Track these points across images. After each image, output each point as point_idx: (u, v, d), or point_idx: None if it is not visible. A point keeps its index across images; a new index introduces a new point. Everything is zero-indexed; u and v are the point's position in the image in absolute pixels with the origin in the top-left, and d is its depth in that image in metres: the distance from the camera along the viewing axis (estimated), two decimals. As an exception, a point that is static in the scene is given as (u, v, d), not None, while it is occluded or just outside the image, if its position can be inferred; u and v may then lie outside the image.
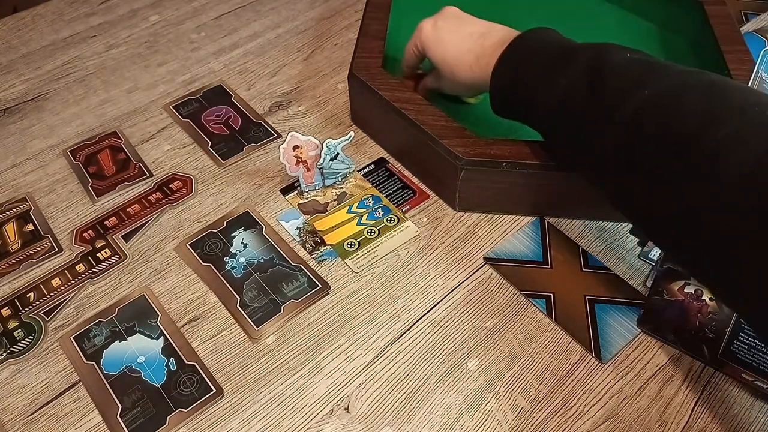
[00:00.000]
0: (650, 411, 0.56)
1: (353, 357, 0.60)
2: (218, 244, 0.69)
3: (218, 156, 0.79)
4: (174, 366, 0.59)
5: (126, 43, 0.97)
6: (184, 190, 0.75)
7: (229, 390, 0.58)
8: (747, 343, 0.58)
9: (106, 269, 0.67)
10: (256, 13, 1.02)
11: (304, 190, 0.73)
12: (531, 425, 0.55)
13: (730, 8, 0.83)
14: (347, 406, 0.56)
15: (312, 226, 0.70)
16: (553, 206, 0.70)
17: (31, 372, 0.59)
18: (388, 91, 0.72)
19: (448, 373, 0.58)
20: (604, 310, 0.62)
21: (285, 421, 0.56)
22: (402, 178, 0.75)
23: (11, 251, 0.69)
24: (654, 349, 0.60)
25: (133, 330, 0.62)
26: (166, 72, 0.92)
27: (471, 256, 0.67)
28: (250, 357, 0.60)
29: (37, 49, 0.96)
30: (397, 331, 0.61)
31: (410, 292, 0.64)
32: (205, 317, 0.63)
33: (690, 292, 0.63)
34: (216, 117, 0.84)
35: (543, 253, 0.67)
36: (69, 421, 0.56)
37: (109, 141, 0.81)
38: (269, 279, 0.65)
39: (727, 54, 0.75)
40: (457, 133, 0.67)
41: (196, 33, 0.99)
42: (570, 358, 0.59)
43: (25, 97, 0.89)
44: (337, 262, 0.67)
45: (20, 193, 0.76)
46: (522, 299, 0.63)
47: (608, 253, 0.67)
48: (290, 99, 0.87)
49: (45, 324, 0.62)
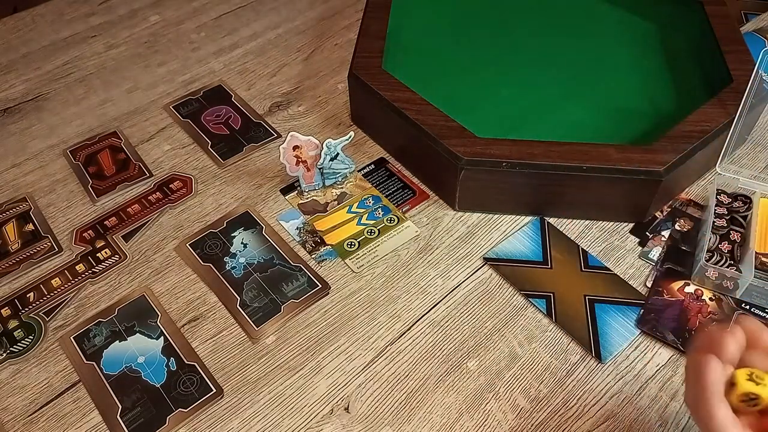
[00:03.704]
0: (650, 411, 0.56)
1: (353, 357, 0.60)
2: (218, 244, 0.69)
3: (218, 156, 0.79)
4: (174, 366, 0.59)
5: (126, 43, 0.97)
6: (184, 190, 0.75)
7: (229, 390, 0.58)
8: (747, 343, 0.58)
9: (106, 269, 0.67)
10: (256, 13, 1.02)
11: (304, 190, 0.73)
12: (531, 425, 0.55)
13: (730, 8, 0.83)
14: (347, 406, 0.56)
15: (312, 226, 0.70)
16: (553, 206, 0.70)
17: (31, 372, 0.59)
18: (388, 91, 0.72)
19: (448, 373, 0.58)
20: (604, 310, 0.62)
21: (285, 421, 0.56)
22: (402, 178, 0.75)
23: (11, 251, 0.69)
24: (654, 349, 0.60)
25: (133, 330, 0.62)
26: (166, 72, 0.92)
27: (471, 256, 0.67)
28: (250, 357, 0.60)
29: (37, 49, 0.96)
30: (397, 331, 0.61)
31: (410, 292, 0.64)
32: (205, 317, 0.63)
33: (690, 292, 0.63)
34: (216, 117, 0.84)
35: (543, 253, 0.67)
36: (69, 421, 0.56)
37: (109, 141, 0.81)
38: (269, 279, 0.65)
39: (727, 54, 0.75)
40: (457, 133, 0.67)
41: (196, 33, 0.99)
42: (570, 358, 0.59)
43: (25, 97, 0.89)
44: (337, 262, 0.67)
45: (20, 193, 0.76)
46: (522, 299, 0.63)
47: (608, 253, 0.67)
48: (290, 99, 0.87)
49: (45, 324, 0.62)
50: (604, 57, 0.85)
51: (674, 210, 0.70)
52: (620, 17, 0.92)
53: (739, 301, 0.61)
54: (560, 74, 0.83)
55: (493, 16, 0.93)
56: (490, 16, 0.93)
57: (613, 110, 0.77)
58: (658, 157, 0.64)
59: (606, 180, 0.65)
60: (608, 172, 0.64)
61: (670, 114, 0.75)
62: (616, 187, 0.66)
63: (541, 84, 0.81)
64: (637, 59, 0.84)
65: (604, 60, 0.85)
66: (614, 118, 0.76)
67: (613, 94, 0.80)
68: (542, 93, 0.80)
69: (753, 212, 0.66)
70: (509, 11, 0.93)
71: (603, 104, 0.78)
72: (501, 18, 0.93)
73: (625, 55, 0.85)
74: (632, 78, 0.82)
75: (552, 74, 0.83)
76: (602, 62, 0.84)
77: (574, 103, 0.79)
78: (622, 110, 0.77)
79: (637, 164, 0.64)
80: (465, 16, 0.92)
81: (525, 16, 0.92)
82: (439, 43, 0.88)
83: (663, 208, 0.71)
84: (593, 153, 0.65)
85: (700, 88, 0.77)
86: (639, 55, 0.85)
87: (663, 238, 0.68)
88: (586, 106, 0.78)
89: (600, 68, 0.83)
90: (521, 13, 0.93)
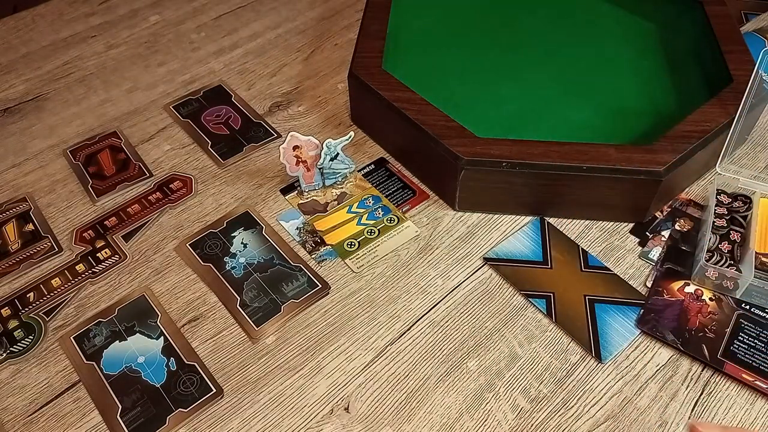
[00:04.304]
0: (650, 411, 0.56)
1: (353, 357, 0.60)
2: (218, 244, 0.69)
3: (218, 156, 0.79)
4: (174, 366, 0.59)
5: (126, 43, 0.97)
6: (184, 190, 0.75)
7: (229, 390, 0.58)
8: (747, 343, 0.58)
9: (106, 269, 0.67)
10: (256, 13, 1.02)
11: (304, 190, 0.73)
12: (531, 425, 0.55)
13: (730, 8, 0.83)
14: (347, 406, 0.56)
15: (312, 226, 0.70)
16: (553, 206, 0.70)
17: (31, 372, 0.59)
18: (388, 91, 0.72)
19: (448, 373, 0.58)
20: (604, 310, 0.62)
21: (285, 421, 0.56)
22: (402, 178, 0.75)
23: (11, 251, 0.69)
24: (654, 349, 0.60)
25: (133, 330, 0.62)
26: (166, 72, 0.92)
27: (471, 256, 0.67)
28: (250, 357, 0.60)
29: (37, 49, 0.96)
30: (397, 331, 0.61)
31: (410, 292, 0.64)
32: (205, 317, 0.63)
33: (690, 292, 0.63)
34: (216, 117, 0.84)
35: (543, 253, 0.67)
36: (69, 421, 0.56)
37: (109, 141, 0.81)
38: (269, 279, 0.65)
39: (727, 54, 0.75)
40: (457, 133, 0.67)
41: (196, 33, 0.99)
42: (570, 358, 0.59)
43: (25, 97, 0.89)
44: (337, 262, 0.67)
45: (20, 193, 0.76)
46: (522, 299, 0.63)
47: (608, 253, 0.67)
48: (290, 99, 0.87)
49: (45, 324, 0.62)
50: (604, 57, 0.85)
51: (674, 210, 0.70)
52: (620, 17, 0.92)
53: (739, 301, 0.61)
54: (560, 74, 0.83)
55: (494, 16, 0.93)
56: (490, 16, 0.93)
57: (613, 110, 0.77)
58: (658, 157, 0.64)
59: (606, 180, 0.65)
60: (608, 172, 0.64)
61: (670, 114, 0.75)
62: (616, 187, 0.66)
63: (541, 84, 0.81)
64: (637, 59, 0.84)
65: (605, 60, 0.85)
66: (614, 118, 0.76)
67: (613, 94, 0.80)
68: (542, 93, 0.80)
69: (753, 212, 0.66)
70: (509, 12, 0.93)
71: (603, 104, 0.78)
72: (501, 18, 0.92)
73: (625, 55, 0.85)
74: (632, 78, 0.82)
75: (552, 74, 0.83)
76: (602, 62, 0.84)
77: (575, 103, 0.79)
78: (622, 110, 0.77)
79: (637, 164, 0.64)
80: (465, 16, 0.92)
81: (525, 15, 0.92)
82: (439, 43, 0.88)
83: (663, 208, 0.71)
84: (593, 153, 0.65)
85: (700, 88, 0.77)
86: (639, 55, 0.85)
87: (663, 238, 0.68)
88: (586, 106, 0.78)
89: (600, 68, 0.83)
90: (521, 13, 0.93)
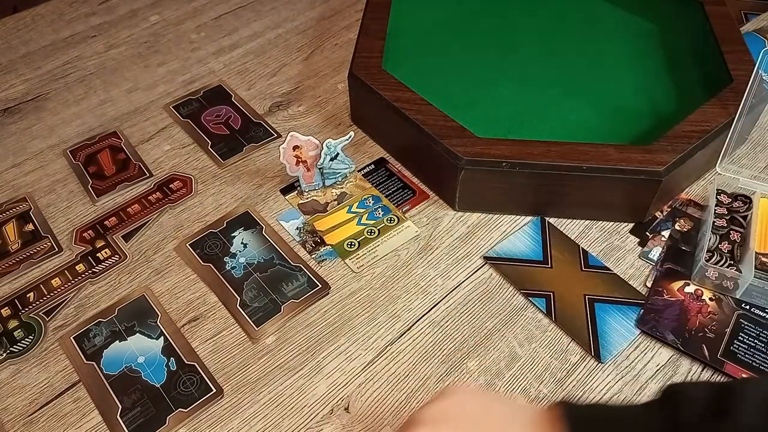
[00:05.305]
0: (650, 411, 0.56)
1: (353, 357, 0.60)
2: (218, 244, 0.69)
3: (218, 156, 0.79)
4: (174, 366, 0.59)
5: (126, 43, 0.97)
6: (184, 190, 0.75)
7: (229, 390, 0.58)
8: (747, 343, 0.58)
9: (106, 269, 0.67)
10: (256, 13, 1.02)
11: (304, 190, 0.73)
12: (531, 425, 0.55)
13: (730, 8, 0.83)
14: (347, 406, 0.56)
15: (312, 226, 0.70)
16: (553, 206, 0.70)
17: (31, 372, 0.59)
18: (388, 91, 0.72)
19: (448, 373, 0.58)
20: (604, 310, 0.62)
21: (285, 421, 0.56)
22: (402, 178, 0.75)
23: (11, 251, 0.69)
24: (654, 349, 0.60)
25: (133, 330, 0.62)
26: (166, 72, 0.92)
27: (471, 256, 0.67)
28: (250, 357, 0.60)
29: (37, 49, 0.96)
30: (397, 331, 0.61)
31: (410, 292, 0.64)
32: (205, 317, 0.63)
33: (690, 292, 0.63)
34: (216, 117, 0.84)
35: (543, 252, 0.67)
36: (69, 421, 0.56)
37: (109, 141, 0.81)
38: (269, 279, 0.65)
39: (727, 54, 0.76)
40: (457, 133, 0.67)
41: (196, 33, 0.99)
42: (570, 358, 0.59)
43: (25, 97, 0.89)
44: (337, 262, 0.67)
45: (20, 193, 0.76)
46: (522, 299, 0.63)
47: (608, 253, 0.67)
48: (290, 99, 0.87)
49: (45, 324, 0.62)
50: (604, 57, 0.85)
51: (674, 210, 0.70)
52: (620, 17, 0.92)
53: (739, 301, 0.61)
54: (560, 74, 0.83)
55: (494, 16, 0.93)
56: (490, 16, 0.93)
57: (613, 110, 0.77)
58: (658, 157, 0.64)
59: (606, 180, 0.65)
60: (608, 172, 0.64)
61: (670, 114, 0.75)
62: (616, 187, 0.66)
63: (541, 84, 0.81)
64: (637, 59, 0.84)
65: (605, 60, 0.85)
66: (614, 118, 0.76)
67: (613, 94, 0.80)
68: (542, 93, 0.80)
69: (753, 212, 0.66)
70: (509, 12, 0.93)
71: (603, 104, 0.78)
72: (501, 18, 0.92)
73: (625, 55, 0.85)
74: (632, 78, 0.82)
75: (552, 74, 0.83)
76: (602, 62, 0.84)
77: (575, 103, 0.79)
78: (622, 110, 0.77)
79: (637, 164, 0.64)
80: (465, 16, 0.92)
81: (525, 15, 0.92)
82: (439, 42, 0.88)
83: (663, 208, 0.71)
84: (593, 153, 0.65)
85: (700, 88, 0.77)
86: (639, 55, 0.85)
87: (663, 238, 0.68)
88: (586, 106, 0.78)
89: (600, 68, 0.83)
90: (521, 13, 0.93)
